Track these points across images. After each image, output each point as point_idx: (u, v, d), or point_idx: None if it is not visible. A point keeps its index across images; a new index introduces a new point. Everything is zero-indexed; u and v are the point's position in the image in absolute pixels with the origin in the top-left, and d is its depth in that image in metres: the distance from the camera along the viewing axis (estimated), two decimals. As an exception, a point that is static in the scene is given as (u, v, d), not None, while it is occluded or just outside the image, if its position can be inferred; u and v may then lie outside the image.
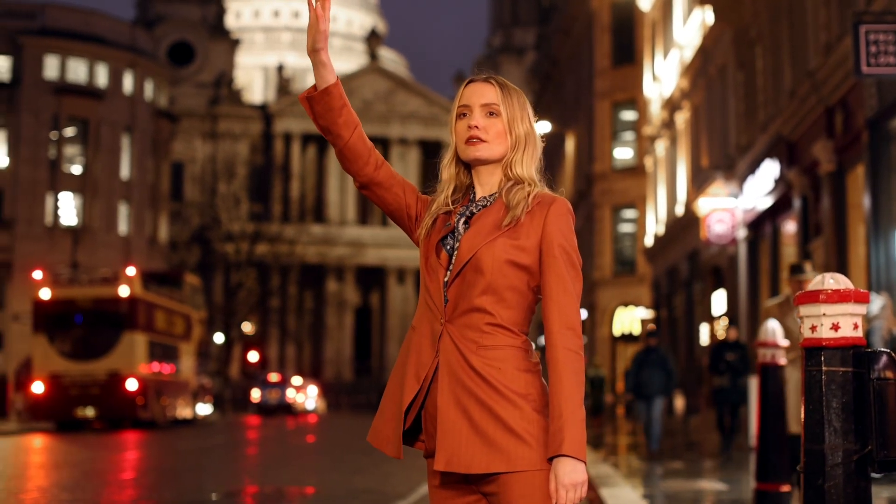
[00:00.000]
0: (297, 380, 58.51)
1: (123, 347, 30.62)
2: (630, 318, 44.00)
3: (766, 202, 22.62)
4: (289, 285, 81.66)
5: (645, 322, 38.04)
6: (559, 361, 2.85)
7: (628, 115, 43.62)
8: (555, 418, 2.82)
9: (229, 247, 70.12)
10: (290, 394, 54.67)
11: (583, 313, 34.91)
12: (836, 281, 3.34)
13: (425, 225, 3.06)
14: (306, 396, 57.26)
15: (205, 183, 73.54)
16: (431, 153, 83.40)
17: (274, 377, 57.32)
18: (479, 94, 3.03)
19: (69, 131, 56.71)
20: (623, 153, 44.09)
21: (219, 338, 64.22)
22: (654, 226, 37.52)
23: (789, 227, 21.92)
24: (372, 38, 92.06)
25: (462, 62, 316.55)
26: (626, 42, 42.88)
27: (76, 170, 57.94)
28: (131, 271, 31.54)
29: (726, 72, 27.03)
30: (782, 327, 8.00)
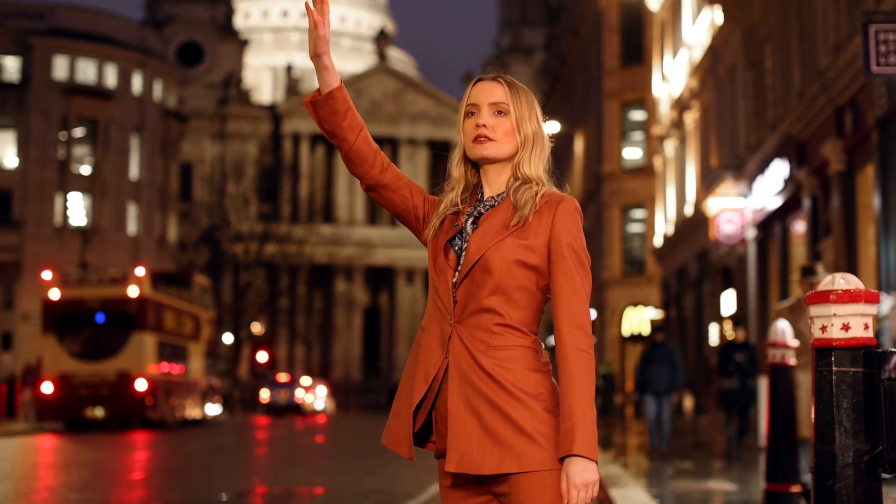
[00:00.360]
0: (306, 380, 58.44)
1: (133, 348, 30.63)
2: (639, 319, 43.95)
3: (776, 202, 22.57)
4: (298, 285, 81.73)
5: (654, 322, 38.00)
6: (569, 361, 2.84)
7: (637, 115, 43.55)
8: (566, 418, 2.81)
9: (238, 247, 70.15)
10: (299, 394, 54.59)
11: (592, 313, 34.91)
12: (846, 281, 3.33)
13: (433, 226, 3.05)
14: (315, 397, 57.19)
15: (214, 183, 73.57)
16: (440, 153, 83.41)
17: (283, 377, 57.23)
18: (488, 92, 3.02)
19: (78, 132, 56.80)
20: (632, 153, 44.03)
21: (228, 338, 64.24)
22: (664, 226, 37.48)
23: (799, 227, 21.87)
24: (381, 38, 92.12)
25: (471, 62, 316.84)
26: (635, 42, 42.81)
27: (85, 170, 58.04)
28: (140, 271, 31.56)
29: (735, 71, 26.97)
30: (793, 330, 7.93)
